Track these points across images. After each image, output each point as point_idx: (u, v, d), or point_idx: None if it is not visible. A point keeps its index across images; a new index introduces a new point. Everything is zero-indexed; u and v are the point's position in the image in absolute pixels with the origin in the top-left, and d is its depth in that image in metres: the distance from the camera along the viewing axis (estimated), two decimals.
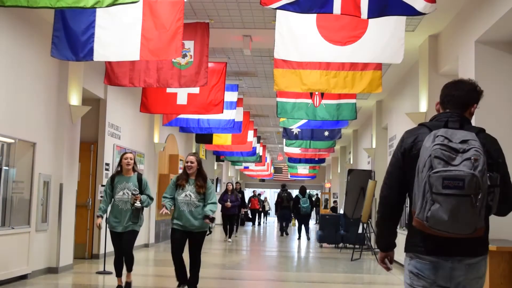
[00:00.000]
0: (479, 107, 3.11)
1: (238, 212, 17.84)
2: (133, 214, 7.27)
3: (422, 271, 2.86)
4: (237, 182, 20.36)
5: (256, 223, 29.82)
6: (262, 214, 32.46)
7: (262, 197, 34.18)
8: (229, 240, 16.85)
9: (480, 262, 2.86)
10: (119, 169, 7.48)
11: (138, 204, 7.22)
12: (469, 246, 2.79)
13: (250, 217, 28.80)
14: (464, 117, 2.96)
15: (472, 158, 2.63)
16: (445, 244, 2.78)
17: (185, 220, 6.94)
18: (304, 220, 18.91)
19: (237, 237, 18.74)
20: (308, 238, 18.72)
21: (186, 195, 6.96)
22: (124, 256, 7.38)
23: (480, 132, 2.87)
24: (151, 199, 7.47)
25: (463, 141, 2.70)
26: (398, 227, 3.15)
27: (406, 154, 2.95)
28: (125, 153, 7.55)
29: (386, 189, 3.03)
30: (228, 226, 17.18)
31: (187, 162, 7.06)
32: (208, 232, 7.18)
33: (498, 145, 2.95)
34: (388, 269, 3.16)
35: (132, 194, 7.21)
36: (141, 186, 7.37)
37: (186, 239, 7.09)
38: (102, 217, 7.37)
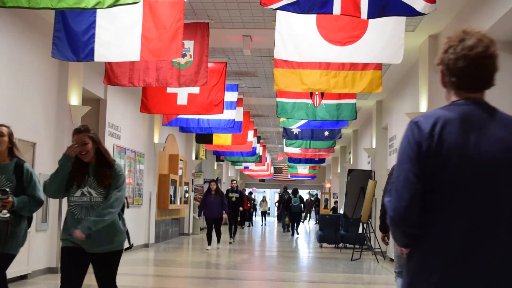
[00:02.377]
0: None
1: (222, 215, 14.46)
2: None
3: None
4: (233, 180, 18.73)
5: (247, 224, 27.98)
6: (258, 213, 32.19)
7: (260, 197, 34.07)
8: (218, 246, 14.56)
9: None
10: None
11: (4, 213, 4.39)
12: None
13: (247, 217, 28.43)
14: None
15: None
16: None
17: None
18: (295, 218, 21.14)
19: (234, 242, 16.78)
20: (297, 234, 21.05)
21: (83, 194, 4.28)
22: None
23: None
24: (38, 202, 4.64)
25: None
26: None
27: None
28: None
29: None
30: (212, 231, 14.38)
31: (76, 146, 4.25)
32: (128, 246, 4.53)
33: None
34: (387, 243, 4.95)
35: None
36: (22, 181, 4.60)
37: (86, 266, 4.49)
38: None
